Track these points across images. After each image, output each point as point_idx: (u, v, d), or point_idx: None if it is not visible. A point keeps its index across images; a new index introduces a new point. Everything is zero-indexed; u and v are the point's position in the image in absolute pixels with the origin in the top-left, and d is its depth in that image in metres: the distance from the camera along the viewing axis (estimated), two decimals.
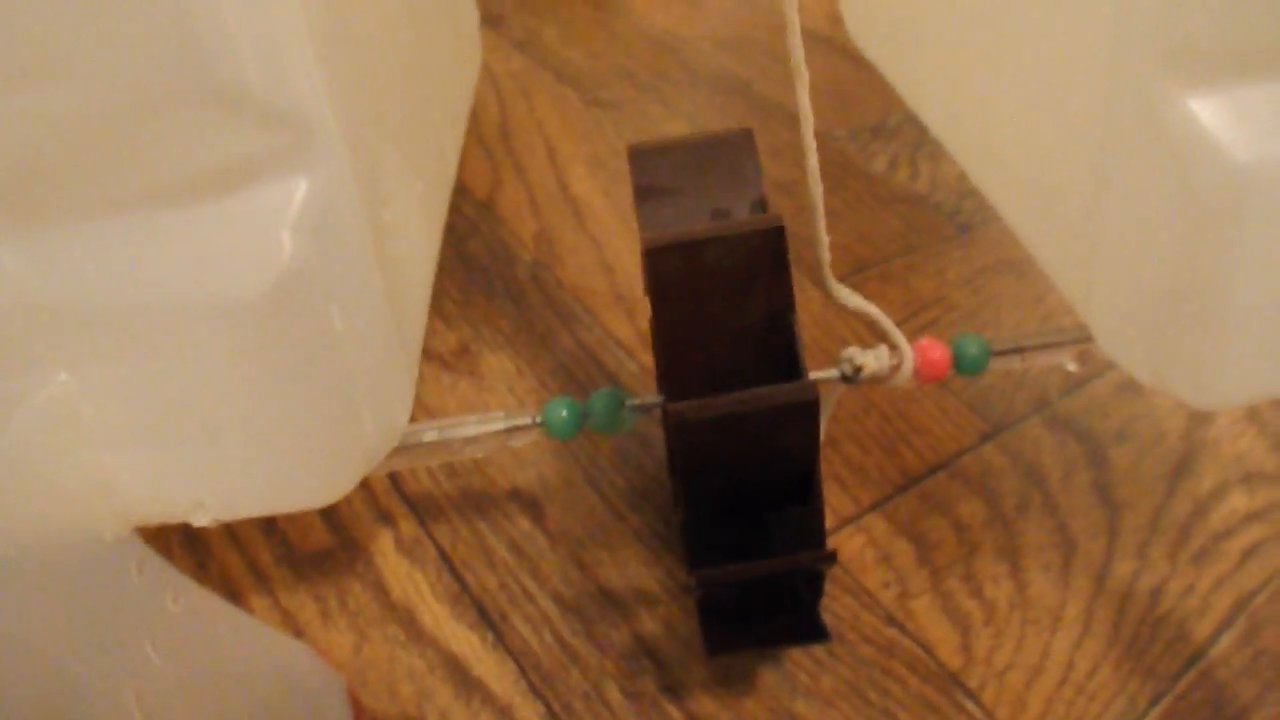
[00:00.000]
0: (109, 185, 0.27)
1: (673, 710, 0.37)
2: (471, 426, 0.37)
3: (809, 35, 0.79)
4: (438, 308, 0.52)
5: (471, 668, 0.38)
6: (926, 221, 0.62)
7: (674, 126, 0.68)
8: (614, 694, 0.37)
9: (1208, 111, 0.27)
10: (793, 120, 0.68)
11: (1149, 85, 0.28)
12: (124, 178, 0.27)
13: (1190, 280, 0.29)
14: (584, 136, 0.66)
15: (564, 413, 0.36)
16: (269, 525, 0.41)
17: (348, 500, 0.43)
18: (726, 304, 0.28)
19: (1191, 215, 0.28)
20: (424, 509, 0.43)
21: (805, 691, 0.38)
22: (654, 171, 0.31)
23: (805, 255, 0.59)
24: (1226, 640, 0.41)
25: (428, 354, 0.50)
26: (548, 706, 0.37)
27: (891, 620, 0.41)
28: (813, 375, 0.37)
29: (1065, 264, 0.35)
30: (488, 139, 0.65)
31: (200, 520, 0.32)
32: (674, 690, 0.37)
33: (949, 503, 0.46)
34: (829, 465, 0.47)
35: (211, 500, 0.32)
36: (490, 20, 0.77)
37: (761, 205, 0.31)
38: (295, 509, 0.33)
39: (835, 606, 0.41)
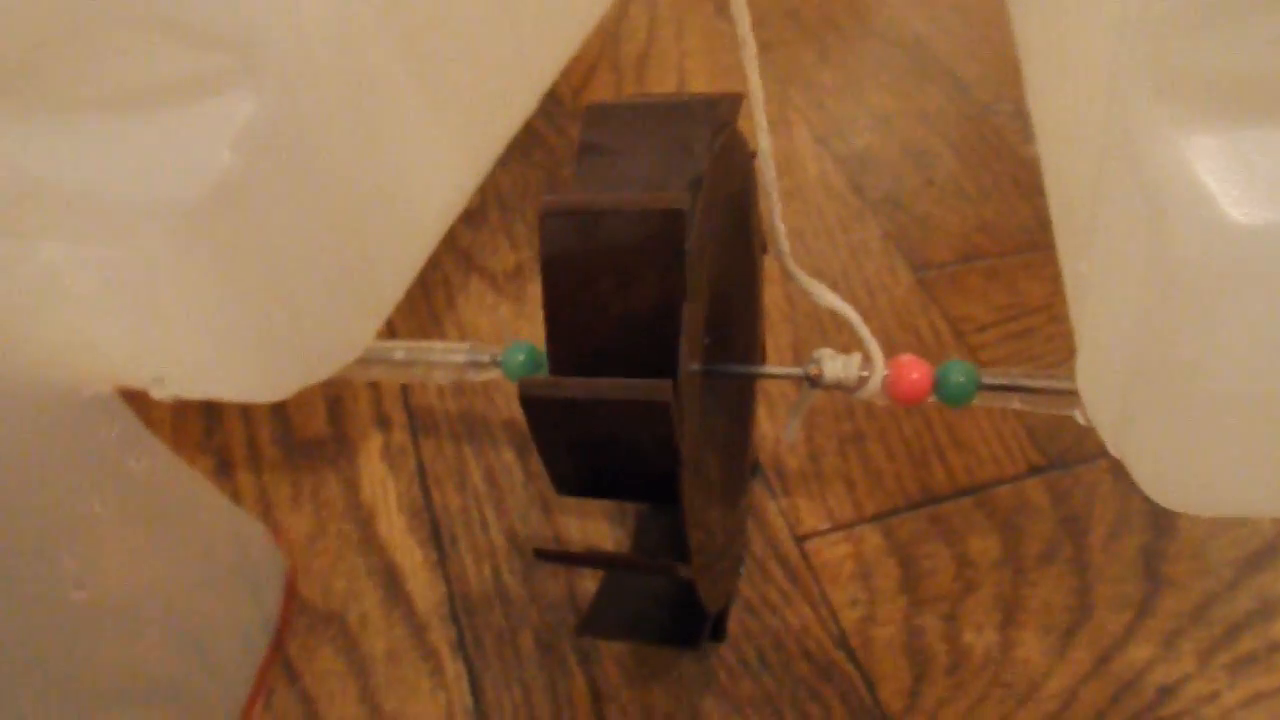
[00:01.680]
0: (80, 87, 0.29)
1: (576, 671, 0.37)
2: (436, 353, 0.37)
3: None
4: (507, 228, 0.53)
5: (405, 581, 0.39)
6: None
7: (822, 77, 0.64)
8: (527, 641, 0.37)
9: (1204, 158, 0.22)
10: (959, 86, 0.63)
11: (1138, 120, 0.23)
12: (92, 82, 0.29)
13: (1161, 354, 0.24)
14: (720, 75, 0.63)
15: (521, 357, 0.36)
16: (279, 407, 0.44)
17: (355, 398, 0.45)
18: (616, 282, 0.27)
19: (1171, 280, 0.23)
20: (421, 421, 0.44)
21: (719, 691, 0.36)
22: (603, 131, 0.29)
23: (912, 233, 0.54)
24: None
25: (482, 272, 0.51)
26: (460, 635, 0.37)
27: (842, 643, 0.38)
28: (773, 371, 0.35)
29: (1072, 302, 0.31)
30: (623, 66, 0.64)
31: (158, 393, 0.35)
32: (586, 654, 0.37)
33: (962, 532, 0.42)
34: (845, 462, 0.44)
35: (169, 376, 0.35)
36: None
37: (698, 183, 0.28)
38: (240, 399, 0.35)
39: (787, 613, 0.39)
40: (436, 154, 0.39)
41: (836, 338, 0.49)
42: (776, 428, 0.45)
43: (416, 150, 0.37)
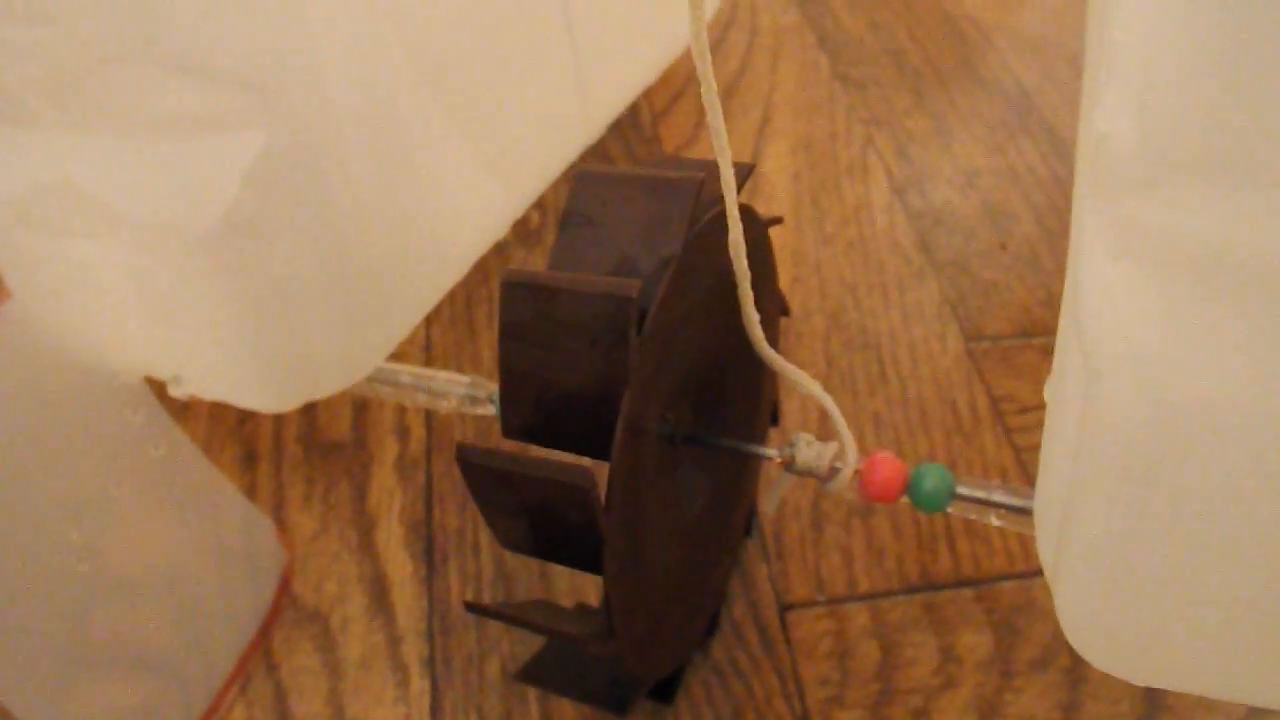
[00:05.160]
0: (113, 112, 0.31)
1: (533, 708, 0.37)
2: (439, 383, 0.39)
3: None
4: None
5: (391, 591, 0.41)
6: None
7: (915, 124, 0.62)
8: (493, 668, 0.38)
9: (1148, 324, 0.21)
10: (1056, 145, 0.60)
11: (1088, 271, 0.22)
12: (121, 109, 0.31)
13: (1086, 511, 0.23)
14: (808, 113, 0.62)
15: None
16: (308, 407, 0.46)
17: (380, 406, 0.47)
18: (565, 359, 0.27)
19: (1099, 442, 0.22)
20: (438, 435, 0.46)
21: None
22: (588, 200, 0.30)
23: (973, 300, 0.52)
24: None
25: None
26: (431, 653, 0.39)
27: None
28: (748, 448, 0.35)
29: None
30: None
31: (176, 391, 0.37)
32: (546, 691, 0.38)
33: (955, 625, 0.40)
34: (848, 534, 0.43)
35: (187, 377, 0.37)
36: None
37: (667, 263, 0.28)
38: (246, 406, 0.37)
39: (754, 681, 0.39)
40: (466, 186, 0.40)
41: (885, 411, 0.48)
42: (794, 493, 0.45)
43: (442, 183, 0.38)
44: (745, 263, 0.29)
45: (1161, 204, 0.21)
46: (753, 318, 0.30)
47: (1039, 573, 0.42)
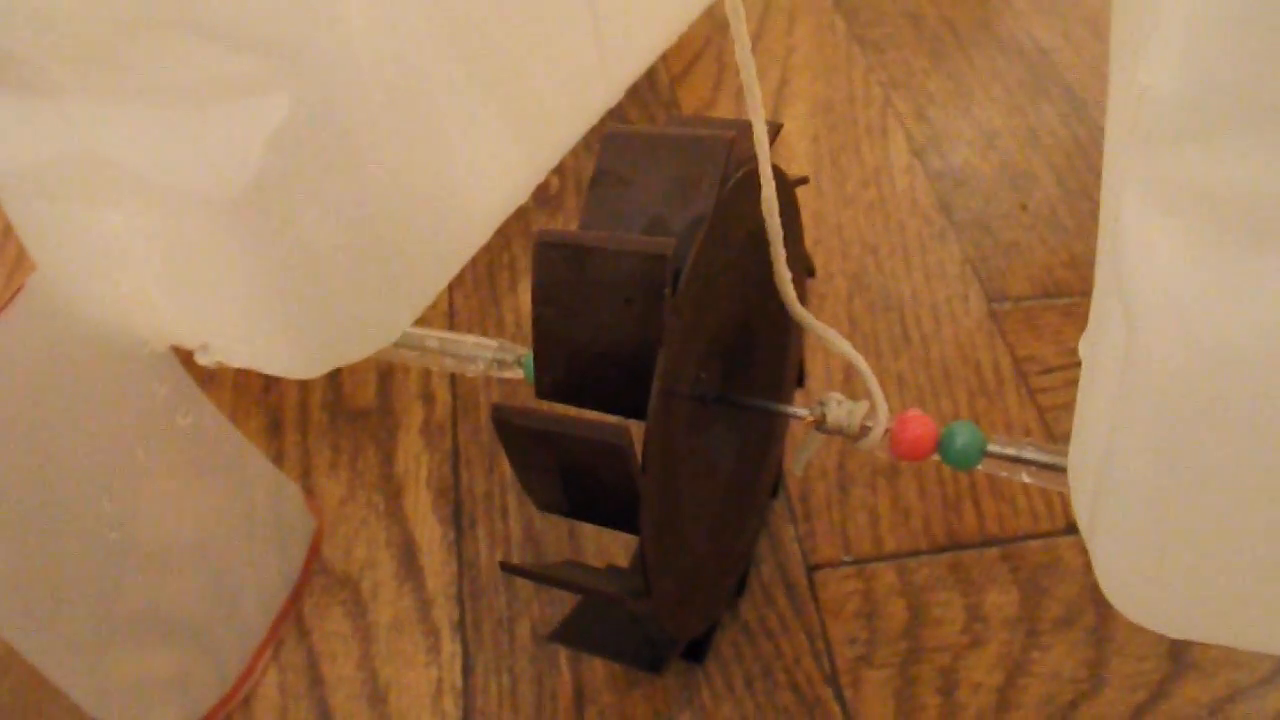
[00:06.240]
0: (136, 79, 0.31)
1: (564, 669, 0.38)
2: (466, 347, 0.39)
3: None
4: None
5: (420, 556, 0.41)
6: None
7: (933, 84, 0.61)
8: (524, 631, 0.39)
9: (1188, 274, 0.21)
10: (1075, 106, 0.60)
11: (1126, 223, 0.22)
12: (145, 76, 0.30)
13: (1124, 462, 0.23)
14: (825, 74, 0.62)
15: None
16: (333, 374, 0.46)
17: (405, 373, 0.47)
18: (599, 319, 0.27)
19: (1139, 393, 0.22)
20: (464, 401, 0.46)
21: (698, 709, 0.37)
22: (619, 159, 0.29)
23: (995, 260, 0.52)
24: None
25: None
26: (461, 616, 0.39)
27: (832, 679, 0.38)
28: (779, 408, 0.35)
29: None
30: (727, 56, 0.63)
31: (203, 360, 0.37)
32: (576, 653, 0.38)
33: (981, 584, 0.41)
34: (874, 495, 0.43)
35: (214, 345, 0.37)
36: None
37: (699, 223, 0.28)
38: (274, 373, 0.37)
39: (782, 641, 0.39)
40: (490, 151, 0.40)
41: (909, 372, 0.48)
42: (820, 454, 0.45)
43: (466, 147, 0.38)
44: (778, 221, 0.29)
45: (1204, 155, 0.20)
46: (785, 276, 0.30)
47: (1064, 531, 0.42)
